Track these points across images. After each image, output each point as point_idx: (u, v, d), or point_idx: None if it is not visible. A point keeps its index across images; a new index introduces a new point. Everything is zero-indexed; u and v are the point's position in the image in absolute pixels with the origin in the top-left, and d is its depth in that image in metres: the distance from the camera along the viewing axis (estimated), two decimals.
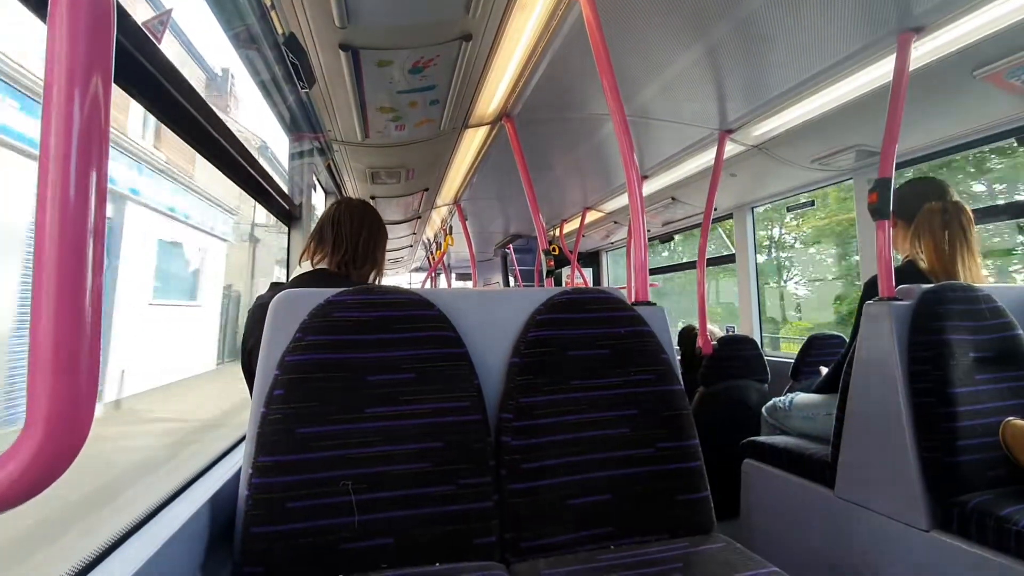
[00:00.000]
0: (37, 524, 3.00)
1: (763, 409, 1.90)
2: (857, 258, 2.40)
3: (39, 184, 0.39)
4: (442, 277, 6.47)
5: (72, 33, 0.40)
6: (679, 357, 2.75)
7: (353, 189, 3.01)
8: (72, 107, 0.40)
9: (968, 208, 1.44)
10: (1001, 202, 1.96)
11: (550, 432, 0.97)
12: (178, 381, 8.21)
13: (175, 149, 8.23)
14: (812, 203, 2.73)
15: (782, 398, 1.82)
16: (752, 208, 3.02)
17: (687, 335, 2.78)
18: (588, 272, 5.20)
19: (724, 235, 3.40)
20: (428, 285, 6.50)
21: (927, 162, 2.10)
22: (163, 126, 1.03)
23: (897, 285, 1.34)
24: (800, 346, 2.34)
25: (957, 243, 1.41)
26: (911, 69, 1.43)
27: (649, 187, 2.96)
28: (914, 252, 1.48)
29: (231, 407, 7.08)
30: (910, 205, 1.48)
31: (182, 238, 8.95)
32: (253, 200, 1.69)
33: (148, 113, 0.96)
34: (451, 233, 4.17)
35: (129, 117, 7.10)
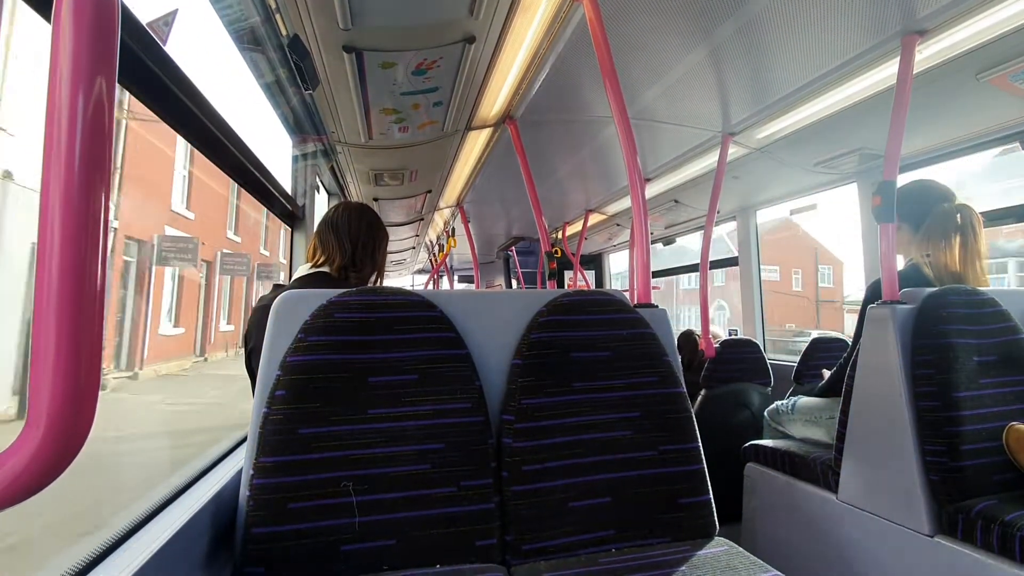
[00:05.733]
0: None
1: (765, 412, 1.89)
2: None
3: (43, 183, 0.39)
4: (444, 280, 6.47)
5: (77, 33, 0.40)
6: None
7: (356, 191, 3.02)
8: (76, 107, 0.40)
9: (977, 211, 1.43)
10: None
11: (552, 434, 0.97)
12: None
13: None
14: (814, 206, 2.73)
15: (784, 401, 1.81)
16: (755, 211, 3.02)
17: (687, 340, 2.77)
18: (590, 275, 5.20)
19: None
20: (430, 288, 6.50)
21: (926, 166, 2.10)
22: None
23: (900, 289, 1.34)
24: None
25: (970, 246, 1.40)
26: (915, 72, 1.42)
27: (652, 189, 2.95)
28: (921, 255, 1.46)
29: None
30: (918, 207, 1.46)
31: None
32: None
33: None
34: (453, 235, 4.17)
35: None
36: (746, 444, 1.79)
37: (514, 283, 5.66)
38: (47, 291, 0.39)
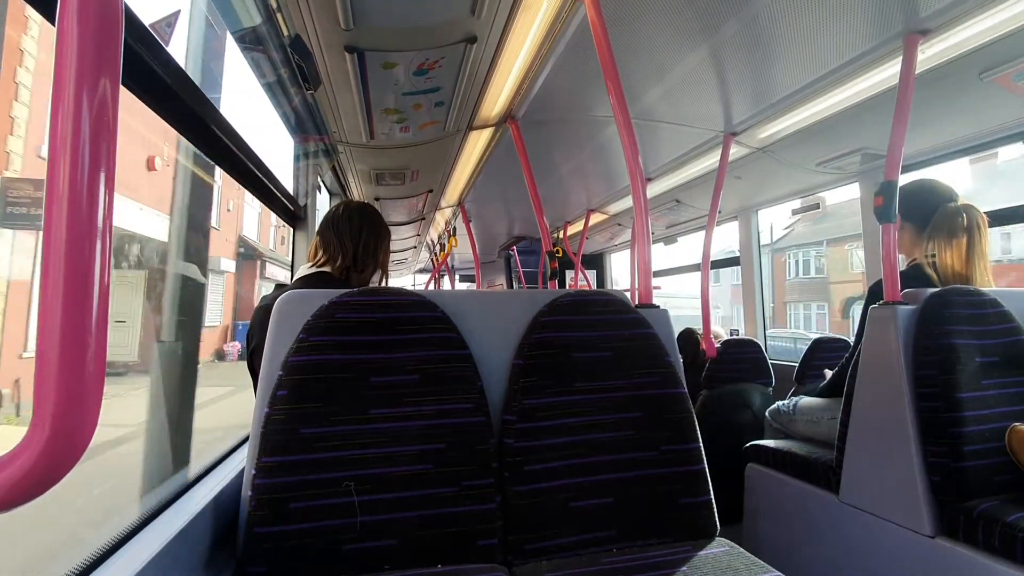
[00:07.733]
0: None
1: (767, 412, 1.89)
2: None
3: (48, 185, 0.39)
4: (445, 279, 6.48)
5: (81, 35, 0.40)
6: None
7: (358, 190, 3.02)
8: (81, 108, 0.40)
9: (981, 211, 1.43)
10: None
11: (553, 434, 0.97)
12: None
13: None
14: (817, 206, 2.72)
15: (786, 401, 1.81)
16: (757, 211, 3.01)
17: (687, 339, 2.77)
18: (591, 274, 5.19)
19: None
20: (432, 287, 6.50)
21: (928, 166, 2.09)
22: None
23: (902, 289, 1.34)
24: None
25: (975, 246, 1.40)
26: (917, 72, 1.42)
27: (653, 189, 2.95)
28: (925, 255, 1.46)
29: None
30: (922, 207, 1.46)
31: None
32: None
33: None
34: (455, 235, 4.17)
35: None
36: (747, 444, 1.79)
37: (515, 283, 5.66)
38: (52, 292, 0.39)
